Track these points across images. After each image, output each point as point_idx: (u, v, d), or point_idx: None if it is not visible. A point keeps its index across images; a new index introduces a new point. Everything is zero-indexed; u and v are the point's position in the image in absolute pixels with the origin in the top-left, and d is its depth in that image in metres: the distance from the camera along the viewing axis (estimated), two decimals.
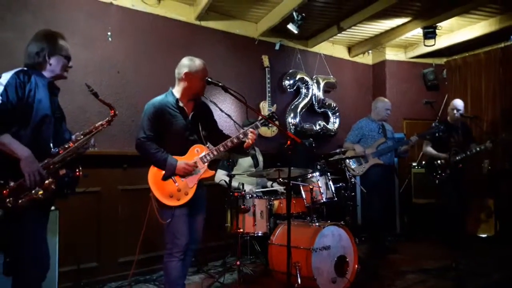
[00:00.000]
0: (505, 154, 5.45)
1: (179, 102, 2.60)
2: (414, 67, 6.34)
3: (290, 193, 2.88)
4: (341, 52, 6.15)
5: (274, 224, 3.73)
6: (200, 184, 2.60)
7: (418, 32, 5.31)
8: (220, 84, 2.57)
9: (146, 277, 3.73)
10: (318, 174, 3.77)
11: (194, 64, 2.61)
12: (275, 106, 5.06)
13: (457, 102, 4.74)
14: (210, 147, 2.67)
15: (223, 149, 2.61)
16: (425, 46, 5.42)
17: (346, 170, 4.39)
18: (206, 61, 2.67)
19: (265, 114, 4.81)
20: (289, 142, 2.44)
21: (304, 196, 3.70)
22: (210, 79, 2.60)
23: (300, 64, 5.51)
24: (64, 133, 2.31)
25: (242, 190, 3.69)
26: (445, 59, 6.37)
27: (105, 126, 2.28)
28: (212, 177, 2.80)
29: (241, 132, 2.61)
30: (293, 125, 5.26)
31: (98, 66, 3.82)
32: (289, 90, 5.34)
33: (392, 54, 6.28)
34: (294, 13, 4.40)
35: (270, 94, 5.02)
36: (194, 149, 2.60)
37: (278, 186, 4.23)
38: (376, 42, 5.79)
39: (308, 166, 3.85)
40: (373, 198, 4.42)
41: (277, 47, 5.26)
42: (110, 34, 3.88)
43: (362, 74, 6.41)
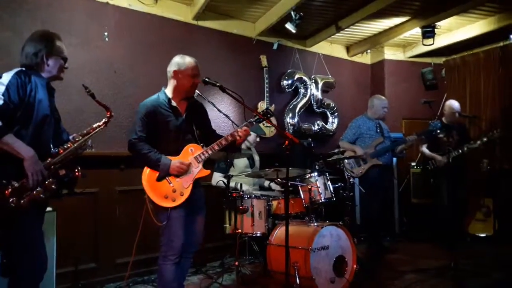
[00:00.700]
0: (503, 153, 5.45)
1: (171, 101, 2.57)
2: (412, 67, 6.33)
3: (288, 193, 2.87)
4: (339, 51, 6.14)
5: (273, 224, 3.71)
6: (196, 184, 2.58)
7: (416, 31, 5.30)
8: (217, 84, 2.55)
9: (144, 278, 3.72)
10: (316, 174, 3.76)
11: (183, 61, 2.58)
12: (273, 106, 5.04)
13: (453, 103, 4.74)
14: (204, 147, 2.65)
15: (218, 147, 2.59)
16: (423, 45, 5.42)
17: (345, 170, 4.37)
18: (204, 61, 2.65)
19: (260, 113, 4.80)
20: (287, 142, 2.44)
21: (302, 196, 3.68)
22: (207, 79, 2.57)
23: (298, 64, 5.49)
24: (62, 133, 2.32)
25: (240, 191, 3.68)
26: (443, 59, 6.36)
27: (102, 127, 2.29)
28: (209, 178, 2.78)
29: (235, 130, 2.60)
30: (291, 125, 5.23)
31: (94, 66, 3.80)
32: (287, 90, 5.33)
33: (390, 53, 6.27)
34: (292, 12, 4.39)
35: (268, 94, 5.00)
36: (188, 148, 2.58)
37: (275, 186, 4.23)
38: (374, 41, 5.78)
39: (306, 166, 3.84)
40: (372, 199, 4.39)
41: (275, 47, 5.24)
42: (106, 34, 3.86)
43: (361, 73, 6.40)
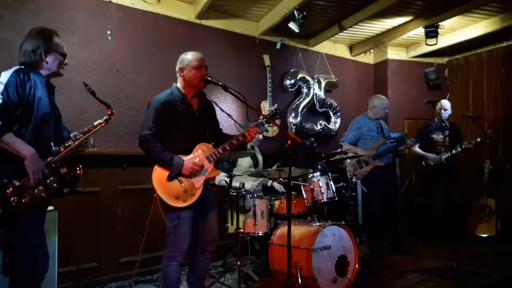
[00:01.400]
0: (506, 153, 5.44)
1: (186, 97, 2.55)
2: (415, 67, 6.30)
3: (291, 193, 2.86)
4: (342, 51, 6.12)
5: (275, 224, 3.71)
6: (206, 183, 2.56)
7: (420, 31, 5.27)
8: (220, 83, 2.52)
9: (147, 277, 3.72)
10: (319, 174, 3.75)
11: (186, 57, 2.58)
12: (276, 105, 5.03)
13: (444, 102, 4.74)
14: (214, 146, 2.63)
15: (229, 147, 2.55)
16: (427, 45, 5.39)
17: (347, 170, 4.36)
18: (206, 60, 2.63)
19: (266, 113, 4.79)
20: (289, 141, 2.42)
21: (305, 196, 3.68)
22: (210, 78, 2.55)
23: (301, 63, 5.48)
24: (62, 131, 2.31)
25: (243, 190, 3.67)
26: (447, 59, 6.34)
27: (103, 124, 2.27)
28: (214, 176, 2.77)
29: (245, 130, 2.59)
30: (294, 124, 5.23)
31: (97, 65, 3.80)
32: (290, 89, 5.32)
33: (394, 53, 6.25)
34: (295, 11, 4.37)
35: (271, 94, 5.00)
36: (200, 148, 2.54)
37: (278, 185, 4.22)
38: (377, 41, 5.76)
39: (309, 166, 3.82)
40: (374, 200, 4.36)
41: (278, 46, 5.23)
42: (109, 33, 3.85)
43: (364, 73, 6.38)
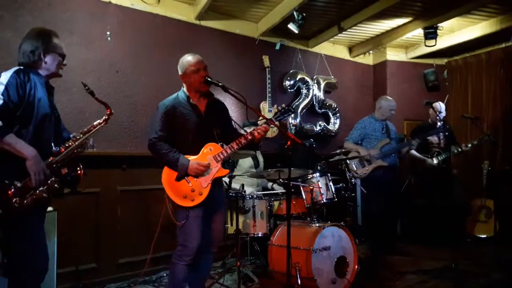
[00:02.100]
0: (504, 154, 5.45)
1: (190, 99, 2.59)
2: (415, 68, 6.32)
3: (290, 193, 2.87)
4: (341, 52, 6.13)
5: (274, 224, 3.71)
6: (216, 182, 2.57)
7: (419, 32, 5.29)
8: (220, 84, 2.54)
9: (146, 278, 3.71)
10: (318, 174, 3.76)
11: (182, 62, 2.61)
12: (276, 106, 5.04)
13: (438, 104, 4.75)
14: (223, 146, 2.64)
15: (237, 146, 2.57)
16: (426, 46, 5.40)
17: (347, 171, 4.36)
18: (206, 61, 2.64)
19: (265, 114, 4.80)
20: (289, 142, 2.43)
21: (304, 196, 3.69)
22: (210, 79, 2.56)
23: (300, 64, 5.49)
24: (62, 132, 2.31)
25: (243, 191, 3.67)
26: (446, 60, 6.35)
27: (102, 124, 2.28)
28: None
29: (252, 128, 2.61)
30: (293, 125, 5.24)
31: (97, 66, 3.80)
32: (289, 90, 5.32)
33: (393, 54, 6.26)
34: (294, 13, 4.38)
35: (270, 95, 5.00)
36: (208, 147, 2.57)
37: (278, 187, 4.21)
38: (377, 42, 5.77)
39: (308, 167, 3.82)
40: (375, 200, 4.37)
41: (277, 47, 5.24)
42: (109, 33, 3.86)
43: (363, 74, 6.39)
